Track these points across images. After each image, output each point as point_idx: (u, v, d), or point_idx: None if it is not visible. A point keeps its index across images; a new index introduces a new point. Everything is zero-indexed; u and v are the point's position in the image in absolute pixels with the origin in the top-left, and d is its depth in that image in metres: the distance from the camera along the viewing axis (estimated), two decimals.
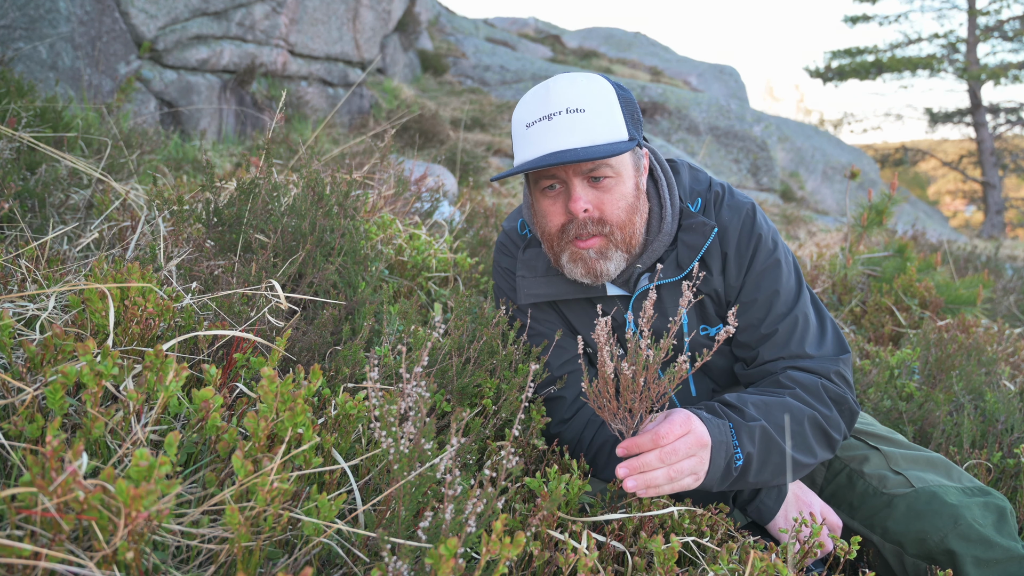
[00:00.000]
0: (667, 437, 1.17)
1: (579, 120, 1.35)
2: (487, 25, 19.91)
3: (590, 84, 1.40)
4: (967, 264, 5.65)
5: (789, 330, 1.49)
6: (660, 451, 1.17)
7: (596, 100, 1.38)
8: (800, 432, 1.38)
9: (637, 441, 1.18)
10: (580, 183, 1.40)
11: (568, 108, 1.36)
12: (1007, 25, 22.26)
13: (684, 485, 1.21)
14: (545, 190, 1.46)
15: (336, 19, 9.22)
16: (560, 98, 1.37)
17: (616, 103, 1.40)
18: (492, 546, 0.87)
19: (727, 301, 1.56)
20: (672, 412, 1.22)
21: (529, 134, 1.40)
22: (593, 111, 1.36)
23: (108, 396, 1.15)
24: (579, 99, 1.37)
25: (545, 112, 1.37)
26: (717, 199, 1.56)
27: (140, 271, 1.27)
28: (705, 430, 1.22)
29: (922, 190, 37.04)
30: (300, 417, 0.99)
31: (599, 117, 1.36)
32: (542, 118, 1.37)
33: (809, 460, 1.40)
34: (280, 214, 2.03)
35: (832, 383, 1.46)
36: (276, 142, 4.80)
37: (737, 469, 1.30)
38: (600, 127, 1.36)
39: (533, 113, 1.40)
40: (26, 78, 4.48)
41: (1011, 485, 1.85)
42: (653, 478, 1.17)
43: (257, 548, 0.89)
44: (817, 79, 24.69)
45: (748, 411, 1.35)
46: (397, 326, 1.72)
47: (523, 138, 1.42)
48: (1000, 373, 2.54)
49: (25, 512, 0.74)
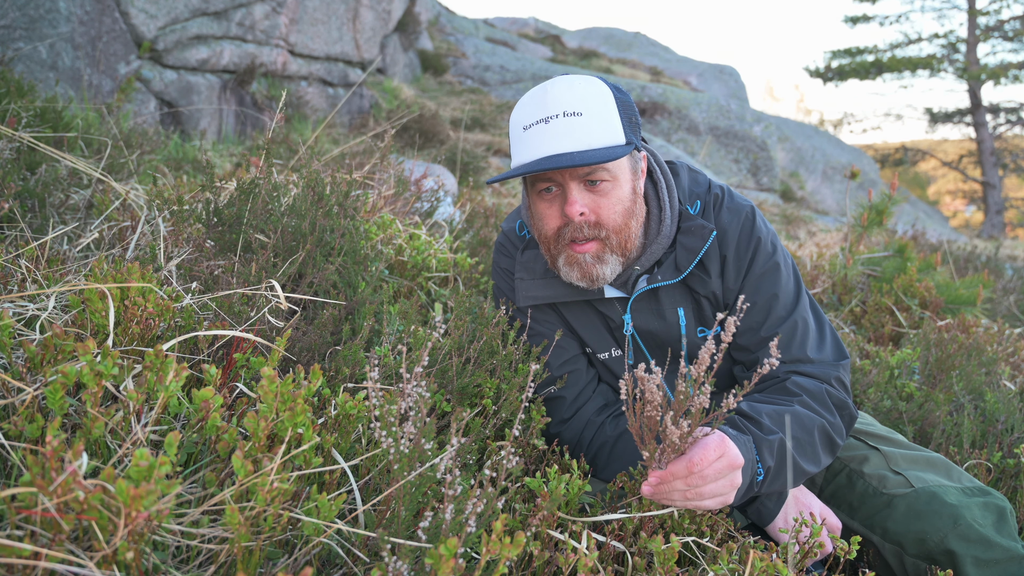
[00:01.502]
0: (700, 464, 1.13)
1: (576, 124, 1.35)
2: (487, 25, 19.91)
3: (588, 87, 1.40)
4: (967, 264, 5.65)
5: (789, 334, 1.49)
6: (688, 477, 1.13)
7: (593, 104, 1.38)
8: (810, 442, 1.38)
9: (672, 470, 1.13)
10: (576, 187, 1.40)
11: (565, 111, 1.36)
12: (1007, 25, 22.26)
13: (704, 506, 1.18)
14: (542, 192, 1.46)
15: (336, 19, 9.22)
16: (557, 101, 1.37)
17: (614, 107, 1.40)
18: (492, 546, 0.87)
19: (725, 304, 1.55)
20: (706, 438, 1.16)
21: (526, 136, 1.40)
22: (590, 114, 1.36)
23: (108, 396, 1.15)
24: (576, 103, 1.37)
25: (543, 115, 1.38)
26: (716, 201, 1.56)
27: (140, 271, 1.27)
28: (737, 452, 1.18)
29: (922, 190, 37.04)
30: (300, 417, 0.99)
31: (596, 121, 1.36)
32: (539, 121, 1.38)
33: (814, 468, 1.41)
34: (280, 214, 2.03)
35: (834, 389, 1.46)
36: (276, 142, 4.80)
37: (758, 484, 1.30)
38: (597, 131, 1.36)
39: (531, 115, 1.40)
40: (26, 78, 4.48)
41: (1011, 485, 1.85)
42: (671, 497, 1.16)
43: (257, 548, 0.89)
44: (817, 79, 24.69)
45: (764, 423, 1.34)
46: (397, 326, 1.72)
47: (520, 140, 1.42)
48: (1000, 373, 2.54)
49: (25, 512, 0.74)
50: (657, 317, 1.57)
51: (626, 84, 15.70)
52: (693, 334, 1.57)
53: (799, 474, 1.37)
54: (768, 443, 1.31)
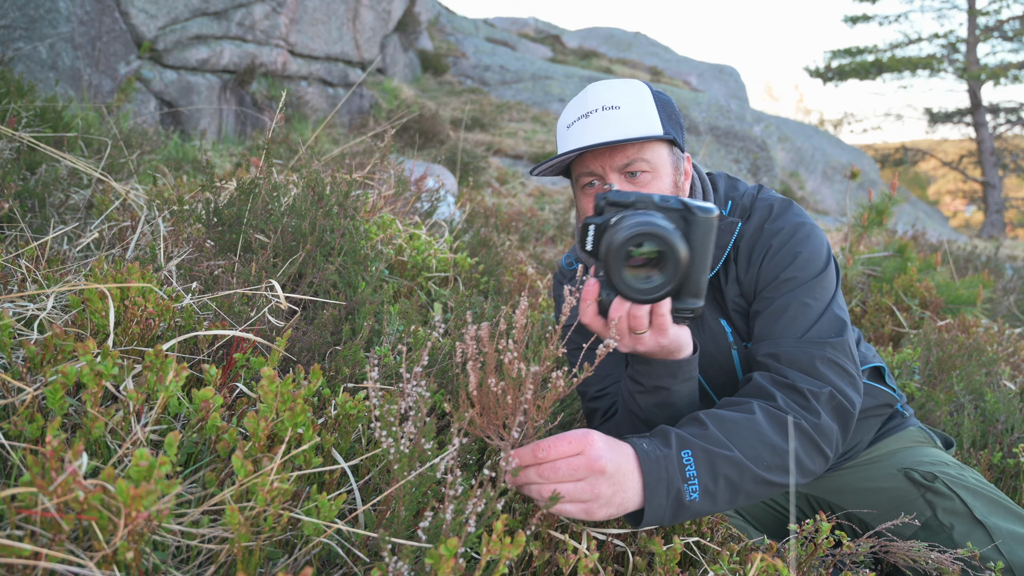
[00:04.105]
0: (548, 452, 1.05)
1: (614, 115, 1.38)
2: (487, 25, 19.92)
3: (626, 85, 1.44)
4: (967, 264, 5.65)
5: (780, 313, 1.44)
6: (539, 467, 1.06)
7: (631, 99, 1.40)
8: (775, 452, 1.19)
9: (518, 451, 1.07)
10: (616, 177, 1.41)
11: (604, 106, 1.39)
12: (1007, 25, 22.27)
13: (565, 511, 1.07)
14: (584, 188, 1.46)
15: (336, 19, 9.22)
16: (597, 98, 1.41)
17: (652, 102, 1.42)
18: (492, 546, 0.87)
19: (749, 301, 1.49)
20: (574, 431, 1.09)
21: (569, 134, 1.43)
22: (628, 108, 1.39)
23: (108, 396, 1.15)
24: (615, 98, 1.40)
25: (583, 111, 1.41)
26: (750, 199, 1.53)
27: (140, 271, 1.27)
28: (604, 456, 1.05)
29: (922, 190, 37.03)
30: (300, 417, 0.99)
31: (633, 113, 1.39)
32: (580, 117, 1.41)
33: (782, 479, 1.20)
34: (280, 214, 2.03)
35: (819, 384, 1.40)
36: (276, 142, 4.80)
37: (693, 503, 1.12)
38: (635, 122, 1.38)
39: (572, 115, 1.43)
40: (26, 78, 4.48)
41: (1011, 485, 1.85)
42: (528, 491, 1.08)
43: (257, 548, 0.89)
44: (817, 79, 24.69)
45: (713, 433, 1.17)
46: (397, 326, 1.72)
47: (563, 138, 1.45)
48: (1000, 373, 2.54)
49: (25, 512, 0.74)
50: (699, 330, 1.51)
51: None
52: (742, 346, 1.48)
53: (761, 485, 1.18)
54: (711, 456, 1.13)
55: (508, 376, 1.04)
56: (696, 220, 1.12)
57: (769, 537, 1.60)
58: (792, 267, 1.38)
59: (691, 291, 1.14)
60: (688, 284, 1.13)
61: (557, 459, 1.06)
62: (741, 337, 1.48)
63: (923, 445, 1.64)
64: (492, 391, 1.05)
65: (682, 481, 1.11)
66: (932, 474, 1.48)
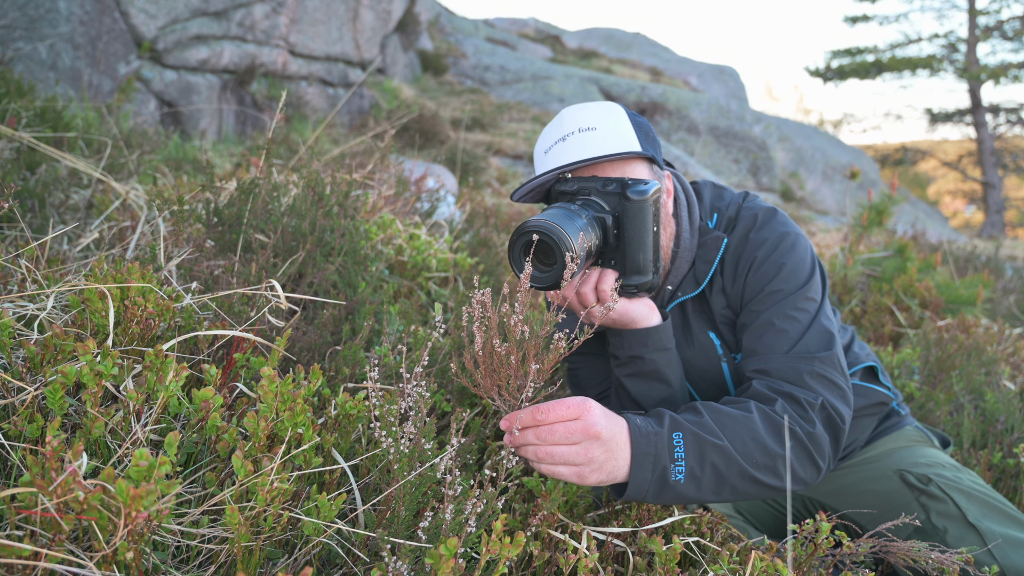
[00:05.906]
0: (547, 415, 1.09)
1: (591, 136, 1.37)
2: (487, 25, 19.93)
3: (601, 107, 1.43)
4: (967, 264, 5.65)
5: (766, 327, 1.44)
6: (537, 429, 1.10)
7: (607, 120, 1.39)
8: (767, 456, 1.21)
9: (518, 414, 1.11)
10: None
11: (580, 128, 1.38)
12: (1007, 25, 22.26)
13: (558, 473, 1.11)
14: None
15: (336, 19, 9.23)
16: (572, 121, 1.40)
17: (627, 122, 1.41)
18: (492, 546, 0.87)
19: (736, 314, 1.49)
20: (573, 398, 1.13)
21: (547, 158, 1.42)
22: (605, 128, 1.38)
23: (108, 396, 1.15)
24: (590, 120, 1.39)
25: (560, 135, 1.40)
26: (735, 208, 1.52)
27: (140, 271, 1.27)
28: (600, 423, 1.10)
29: (922, 190, 37.02)
30: (300, 417, 0.99)
31: (611, 131, 1.38)
32: (557, 141, 1.40)
33: (776, 482, 1.22)
34: (280, 214, 2.03)
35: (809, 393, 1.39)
36: (276, 142, 4.80)
37: (677, 484, 1.15)
38: (611, 139, 1.37)
39: (550, 140, 1.43)
40: (26, 78, 4.48)
41: (1011, 485, 1.85)
42: (525, 452, 1.12)
43: (257, 548, 0.89)
44: (817, 79, 24.69)
45: (707, 422, 1.19)
46: (397, 326, 1.72)
47: (541, 163, 1.44)
48: (1000, 373, 2.54)
49: (25, 512, 0.74)
50: (687, 343, 1.51)
51: (626, 84, 15.70)
52: (731, 358, 1.48)
53: (748, 481, 1.20)
54: (701, 442, 1.16)
55: (512, 337, 1.09)
56: (630, 203, 1.28)
57: (769, 537, 1.60)
58: (777, 279, 1.39)
59: (633, 268, 1.31)
60: (628, 263, 1.31)
61: (555, 422, 1.10)
62: (730, 349, 1.49)
63: (920, 445, 1.64)
64: (496, 352, 1.10)
65: (669, 460, 1.15)
66: (927, 476, 1.49)
